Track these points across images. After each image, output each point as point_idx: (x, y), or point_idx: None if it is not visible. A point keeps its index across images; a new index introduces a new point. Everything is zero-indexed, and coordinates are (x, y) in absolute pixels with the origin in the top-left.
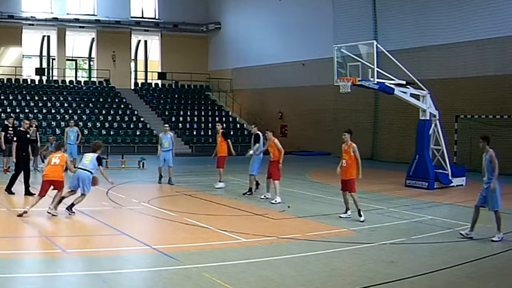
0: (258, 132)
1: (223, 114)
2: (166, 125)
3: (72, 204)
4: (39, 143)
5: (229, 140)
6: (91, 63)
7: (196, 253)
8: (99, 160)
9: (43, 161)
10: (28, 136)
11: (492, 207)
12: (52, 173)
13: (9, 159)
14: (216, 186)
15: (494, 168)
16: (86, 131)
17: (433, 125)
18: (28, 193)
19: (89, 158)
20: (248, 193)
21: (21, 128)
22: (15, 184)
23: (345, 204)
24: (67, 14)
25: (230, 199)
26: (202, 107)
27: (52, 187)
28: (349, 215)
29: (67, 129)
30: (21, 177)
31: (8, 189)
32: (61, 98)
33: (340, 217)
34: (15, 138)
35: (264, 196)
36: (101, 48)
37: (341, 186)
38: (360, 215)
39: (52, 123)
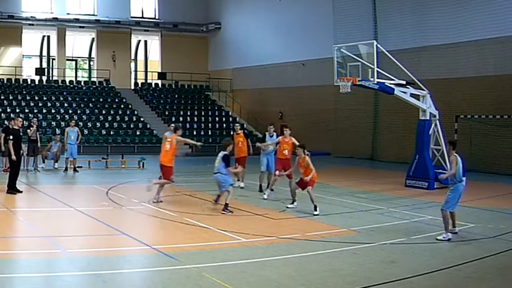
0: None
1: (223, 114)
2: (173, 124)
3: (226, 204)
4: (39, 143)
5: (248, 140)
6: (91, 63)
7: (196, 253)
8: (225, 159)
9: (44, 161)
10: (21, 134)
11: (442, 205)
12: (162, 158)
13: (8, 160)
14: (241, 186)
15: (453, 173)
16: (86, 131)
17: (433, 125)
18: (15, 189)
19: (217, 160)
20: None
21: (15, 126)
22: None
23: (293, 197)
24: (67, 14)
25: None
26: (202, 107)
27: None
28: (295, 205)
29: (67, 129)
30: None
31: (11, 189)
32: (61, 98)
33: (287, 207)
34: (10, 137)
35: (266, 195)
36: (101, 48)
37: (300, 183)
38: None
39: (52, 123)
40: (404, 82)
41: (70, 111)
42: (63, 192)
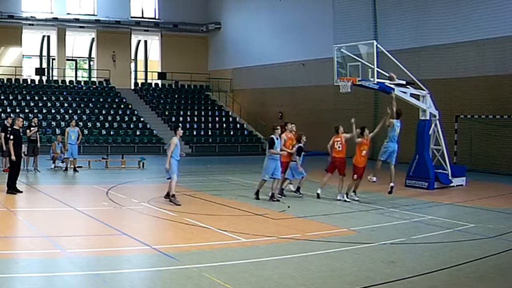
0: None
1: (223, 114)
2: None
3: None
4: (39, 143)
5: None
6: (91, 63)
7: (196, 253)
8: (298, 150)
9: (54, 161)
10: (21, 134)
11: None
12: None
13: (8, 160)
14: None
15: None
16: (86, 131)
17: (433, 125)
18: (15, 189)
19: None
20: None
21: (15, 126)
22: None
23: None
24: (67, 14)
25: (230, 199)
26: (202, 107)
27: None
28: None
29: (68, 129)
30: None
31: (11, 189)
32: (61, 98)
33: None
34: (11, 137)
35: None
36: (101, 48)
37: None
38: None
39: (52, 123)
40: (404, 82)
41: (70, 111)
42: (63, 192)
